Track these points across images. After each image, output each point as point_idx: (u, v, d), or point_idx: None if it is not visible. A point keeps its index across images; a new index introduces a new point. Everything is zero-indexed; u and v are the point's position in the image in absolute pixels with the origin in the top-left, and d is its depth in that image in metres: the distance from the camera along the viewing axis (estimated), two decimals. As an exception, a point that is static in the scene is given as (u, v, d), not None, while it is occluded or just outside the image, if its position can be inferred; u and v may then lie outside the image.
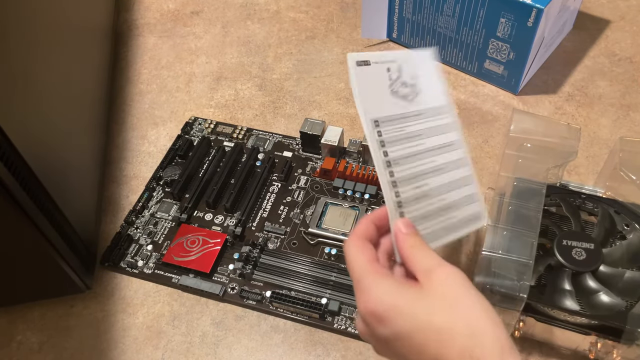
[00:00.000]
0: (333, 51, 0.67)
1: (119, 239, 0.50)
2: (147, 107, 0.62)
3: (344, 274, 0.46)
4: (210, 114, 0.61)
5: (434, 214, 0.35)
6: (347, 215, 0.50)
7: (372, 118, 0.34)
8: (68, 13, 0.54)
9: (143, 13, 0.74)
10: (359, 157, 0.55)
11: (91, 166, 0.52)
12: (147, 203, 0.53)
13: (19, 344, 0.45)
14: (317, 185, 0.53)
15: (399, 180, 0.34)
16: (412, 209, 0.34)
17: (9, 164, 0.35)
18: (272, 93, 0.63)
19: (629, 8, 0.69)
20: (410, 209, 0.34)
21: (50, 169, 0.42)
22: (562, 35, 0.65)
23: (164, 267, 0.48)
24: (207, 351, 0.44)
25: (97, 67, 0.60)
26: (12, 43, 0.39)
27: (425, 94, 0.36)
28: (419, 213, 0.34)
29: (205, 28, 0.71)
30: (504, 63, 0.59)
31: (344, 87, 0.63)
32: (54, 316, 0.46)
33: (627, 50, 0.65)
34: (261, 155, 0.56)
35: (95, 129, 0.55)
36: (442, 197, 0.35)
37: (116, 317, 0.46)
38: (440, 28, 0.61)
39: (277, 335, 0.45)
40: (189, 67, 0.67)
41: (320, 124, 0.54)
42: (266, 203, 0.52)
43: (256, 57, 0.67)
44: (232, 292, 0.46)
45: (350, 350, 0.44)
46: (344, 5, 0.73)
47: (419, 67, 0.36)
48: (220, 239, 0.49)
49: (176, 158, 0.56)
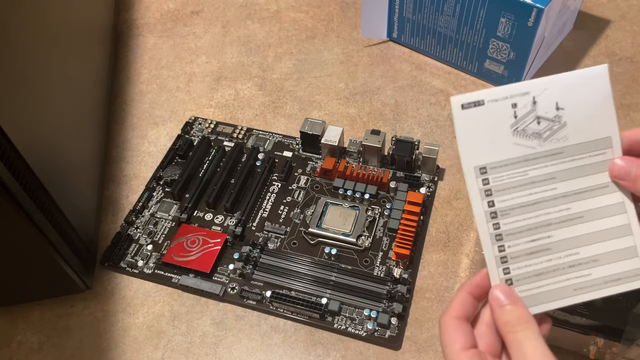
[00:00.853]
0: (333, 51, 0.67)
1: (119, 239, 0.50)
2: (147, 107, 0.62)
3: (344, 274, 0.46)
4: (210, 114, 0.61)
5: (556, 271, 0.30)
6: (347, 215, 0.50)
7: (477, 165, 0.30)
8: (68, 13, 0.54)
9: (143, 13, 0.74)
10: (359, 157, 0.55)
11: (91, 166, 0.52)
12: (147, 203, 0.53)
13: (19, 344, 0.45)
14: (317, 185, 0.53)
15: (506, 233, 0.30)
16: (521, 265, 0.30)
17: (9, 164, 0.35)
18: (272, 93, 0.63)
19: (629, 7, 0.69)
20: (518, 265, 0.30)
21: (50, 169, 0.42)
22: (563, 35, 0.65)
23: (164, 267, 0.48)
24: (207, 351, 0.44)
25: (97, 67, 0.60)
26: (12, 43, 0.39)
27: (577, 126, 0.30)
28: (531, 269, 0.30)
29: (205, 28, 0.71)
30: (504, 63, 0.59)
31: (344, 87, 0.63)
32: (54, 316, 0.46)
33: (627, 50, 0.64)
34: (261, 155, 0.56)
35: (95, 128, 0.55)
36: (574, 252, 0.30)
37: (116, 317, 0.46)
38: (441, 28, 0.61)
39: (277, 335, 0.45)
40: (189, 67, 0.66)
41: (321, 123, 0.54)
42: (266, 203, 0.52)
43: (256, 57, 0.67)
44: (232, 292, 0.46)
45: (350, 350, 0.44)
46: (344, 5, 0.73)
47: (575, 93, 0.30)
48: (221, 239, 0.49)
49: (176, 158, 0.56)
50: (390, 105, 0.61)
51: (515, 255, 0.30)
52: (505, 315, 0.28)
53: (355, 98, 0.62)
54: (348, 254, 0.48)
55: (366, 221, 0.49)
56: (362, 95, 0.62)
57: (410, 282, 0.46)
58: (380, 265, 0.47)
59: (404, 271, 0.47)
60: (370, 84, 0.63)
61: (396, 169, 0.53)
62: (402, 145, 0.53)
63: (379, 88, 0.62)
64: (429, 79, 0.63)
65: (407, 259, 0.46)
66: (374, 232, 0.49)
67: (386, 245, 0.48)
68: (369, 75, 0.64)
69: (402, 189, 0.51)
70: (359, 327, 0.44)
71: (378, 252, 0.48)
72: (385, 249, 0.48)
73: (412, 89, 0.62)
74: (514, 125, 0.30)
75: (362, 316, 0.44)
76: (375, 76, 0.64)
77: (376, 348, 0.44)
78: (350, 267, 0.47)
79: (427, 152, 0.52)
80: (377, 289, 0.45)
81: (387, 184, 0.51)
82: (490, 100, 0.30)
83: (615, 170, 0.29)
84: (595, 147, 0.30)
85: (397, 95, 0.61)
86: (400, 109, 0.60)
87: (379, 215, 0.50)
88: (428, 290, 0.46)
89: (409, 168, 0.53)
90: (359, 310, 0.45)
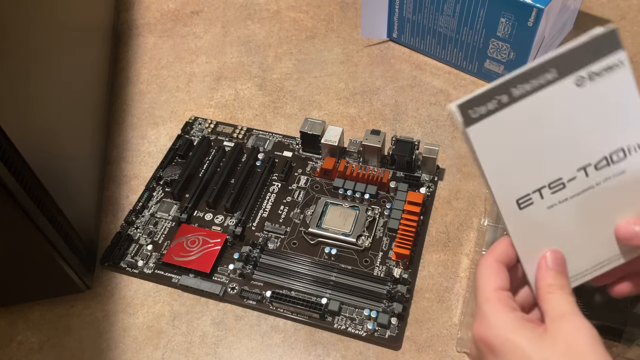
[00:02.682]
0: (333, 51, 0.67)
1: (119, 239, 0.50)
2: (147, 107, 0.62)
3: (344, 274, 0.46)
4: (210, 114, 0.61)
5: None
6: (347, 215, 0.50)
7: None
8: (68, 13, 0.54)
9: (143, 13, 0.74)
10: (359, 157, 0.55)
11: (91, 166, 0.52)
12: (147, 203, 0.53)
13: (19, 344, 0.45)
14: (317, 185, 0.53)
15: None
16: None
17: (9, 164, 0.35)
18: (272, 93, 0.63)
19: (629, 8, 0.69)
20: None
21: (51, 169, 0.42)
22: (563, 35, 0.65)
23: (164, 267, 0.48)
24: (207, 351, 0.44)
25: (97, 67, 0.60)
26: (12, 43, 0.39)
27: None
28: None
29: (205, 28, 0.71)
30: (504, 63, 0.59)
31: (344, 87, 0.63)
32: (54, 316, 0.46)
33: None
34: (261, 155, 0.56)
35: (95, 128, 0.55)
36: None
37: (116, 317, 0.46)
38: (441, 28, 0.61)
39: (277, 335, 0.45)
40: (189, 67, 0.66)
41: (321, 123, 0.54)
42: (266, 203, 0.52)
43: (256, 57, 0.67)
44: (232, 292, 0.46)
45: (350, 350, 0.44)
46: (344, 5, 0.73)
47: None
48: (220, 239, 0.49)
49: (176, 158, 0.56)
50: (390, 105, 0.61)
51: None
52: (549, 277, 0.29)
53: (355, 98, 0.62)
54: (348, 254, 0.48)
55: (366, 221, 0.49)
56: (362, 95, 0.62)
57: (410, 282, 0.46)
58: (380, 265, 0.47)
59: (404, 271, 0.47)
60: (370, 84, 0.63)
61: (396, 169, 0.53)
62: (402, 145, 0.53)
63: (379, 88, 0.62)
64: (429, 79, 0.63)
65: (407, 259, 0.47)
66: (374, 232, 0.49)
67: (386, 245, 0.48)
68: (369, 75, 0.64)
69: (402, 189, 0.51)
70: (359, 327, 0.44)
71: (378, 252, 0.48)
72: (385, 249, 0.48)
73: (412, 89, 0.62)
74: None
75: (362, 316, 0.44)
76: (375, 76, 0.64)
77: (376, 348, 0.44)
78: (350, 267, 0.47)
79: (427, 152, 0.52)
80: (377, 289, 0.45)
81: (387, 184, 0.51)
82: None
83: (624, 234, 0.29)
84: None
85: (397, 95, 0.61)
86: (400, 109, 0.60)
87: (379, 215, 0.50)
88: (428, 290, 0.46)
89: (409, 168, 0.53)
90: (359, 310, 0.45)
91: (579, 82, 0.26)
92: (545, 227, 0.29)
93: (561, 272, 0.30)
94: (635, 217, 0.29)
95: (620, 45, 0.27)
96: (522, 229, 0.29)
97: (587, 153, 0.28)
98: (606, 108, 0.27)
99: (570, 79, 0.26)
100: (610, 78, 0.27)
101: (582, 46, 0.26)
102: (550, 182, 0.28)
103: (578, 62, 0.26)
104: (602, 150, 0.28)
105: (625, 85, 0.27)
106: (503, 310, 0.28)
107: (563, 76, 0.26)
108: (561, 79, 0.26)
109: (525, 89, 0.26)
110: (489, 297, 0.29)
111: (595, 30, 0.26)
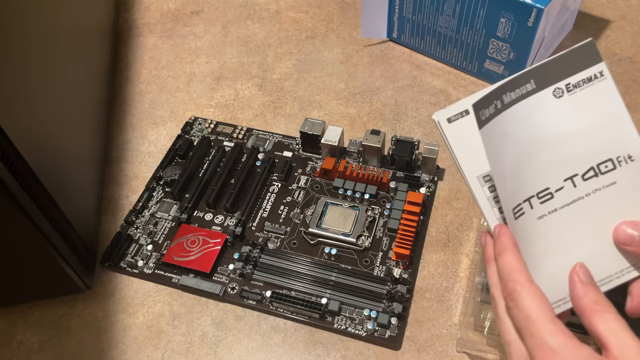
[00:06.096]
0: (333, 51, 0.67)
1: (119, 239, 0.50)
2: (147, 107, 0.62)
3: (344, 274, 0.46)
4: (210, 114, 0.61)
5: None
6: (347, 215, 0.50)
7: (480, 174, 0.29)
8: (68, 13, 0.54)
9: (143, 13, 0.74)
10: (359, 157, 0.55)
11: (91, 166, 0.52)
12: (147, 203, 0.53)
13: (19, 344, 0.45)
14: (317, 185, 0.53)
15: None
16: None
17: (9, 164, 0.35)
18: (272, 93, 0.63)
19: (629, 8, 0.69)
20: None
21: (50, 169, 0.42)
22: (562, 35, 0.65)
23: (164, 267, 0.48)
24: (207, 351, 0.44)
25: (97, 67, 0.60)
26: (12, 43, 0.39)
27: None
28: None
29: (205, 28, 0.71)
30: (504, 63, 0.59)
31: (344, 87, 0.63)
32: (54, 316, 0.46)
33: (627, 50, 0.65)
34: (261, 155, 0.56)
35: (95, 129, 0.55)
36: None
37: (116, 317, 0.46)
38: (441, 28, 0.61)
39: (277, 335, 0.45)
40: (189, 67, 0.67)
41: (321, 123, 0.54)
42: (266, 203, 0.52)
43: (256, 57, 0.67)
44: (232, 292, 0.46)
45: (350, 350, 0.44)
46: (344, 5, 0.73)
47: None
48: (220, 239, 0.49)
49: (176, 158, 0.56)
50: (390, 105, 0.61)
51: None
52: (594, 294, 0.27)
53: (355, 98, 0.62)
54: (348, 254, 0.48)
55: (366, 221, 0.49)
56: (362, 95, 0.62)
57: (410, 282, 0.46)
58: (380, 265, 0.47)
59: (403, 271, 0.47)
60: (370, 84, 0.63)
61: (396, 169, 0.53)
62: (402, 145, 0.53)
63: (379, 88, 0.62)
64: (428, 79, 0.63)
65: (407, 259, 0.47)
66: (374, 232, 0.49)
67: (386, 245, 0.48)
68: (369, 76, 0.64)
69: (402, 189, 0.51)
70: (359, 327, 0.44)
71: (378, 252, 0.48)
72: (385, 249, 0.48)
73: (412, 89, 0.62)
74: None
75: (362, 316, 0.44)
76: (375, 76, 0.64)
77: (376, 348, 0.44)
78: (350, 267, 0.47)
79: (427, 152, 0.52)
80: (377, 289, 0.45)
81: (387, 184, 0.51)
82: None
83: (621, 238, 0.28)
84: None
85: (397, 95, 0.62)
86: (400, 109, 0.60)
87: (378, 215, 0.50)
88: (428, 290, 0.46)
89: (408, 168, 0.53)
90: (359, 310, 0.45)
91: (557, 93, 0.27)
92: (540, 238, 0.28)
93: (596, 285, 0.28)
94: (631, 221, 0.28)
95: (599, 57, 0.27)
96: (520, 239, 0.29)
97: (572, 163, 0.27)
98: (589, 119, 0.27)
99: (547, 90, 0.27)
100: (591, 89, 0.27)
101: (559, 59, 0.27)
102: (538, 192, 0.28)
103: (556, 75, 0.27)
104: (589, 161, 0.27)
105: (608, 96, 0.27)
106: (575, 346, 0.27)
107: (541, 88, 0.27)
108: (539, 90, 0.27)
109: (511, 97, 0.28)
110: (553, 330, 0.27)
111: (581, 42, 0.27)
